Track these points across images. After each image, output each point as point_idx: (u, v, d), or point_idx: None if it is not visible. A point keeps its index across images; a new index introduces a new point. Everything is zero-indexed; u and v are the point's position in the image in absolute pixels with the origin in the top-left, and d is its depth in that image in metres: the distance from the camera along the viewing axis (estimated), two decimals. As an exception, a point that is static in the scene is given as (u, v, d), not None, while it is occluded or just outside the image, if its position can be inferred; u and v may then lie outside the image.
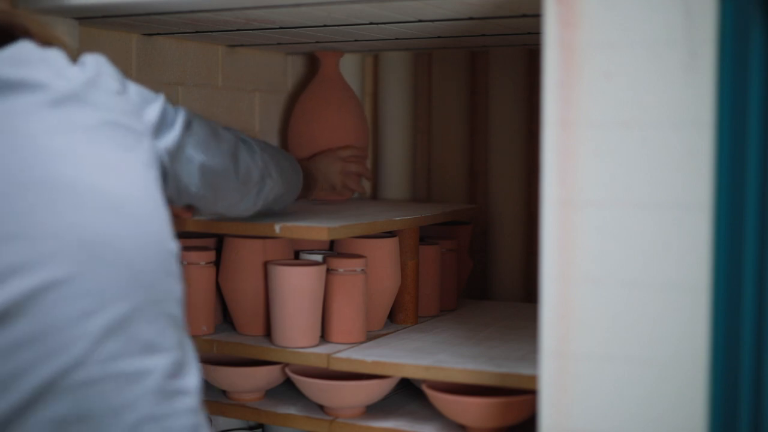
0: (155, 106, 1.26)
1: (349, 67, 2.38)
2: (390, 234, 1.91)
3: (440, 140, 2.34)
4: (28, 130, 1.04)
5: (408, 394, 1.84)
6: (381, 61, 2.37)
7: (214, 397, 1.84)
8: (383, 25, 1.78)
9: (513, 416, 1.58)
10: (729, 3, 1.06)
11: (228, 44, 2.16)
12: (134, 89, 1.23)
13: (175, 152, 1.29)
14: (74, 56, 1.18)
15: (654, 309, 1.11)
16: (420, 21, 1.72)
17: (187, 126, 1.32)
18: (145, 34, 1.97)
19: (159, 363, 1.05)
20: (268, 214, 1.74)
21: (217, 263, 1.87)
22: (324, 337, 1.80)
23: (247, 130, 2.27)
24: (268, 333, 1.82)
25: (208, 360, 1.85)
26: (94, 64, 1.16)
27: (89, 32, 1.83)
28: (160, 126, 1.26)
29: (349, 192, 2.12)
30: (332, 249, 1.92)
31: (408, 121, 2.37)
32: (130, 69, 1.94)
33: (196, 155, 1.34)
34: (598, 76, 1.12)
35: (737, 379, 1.08)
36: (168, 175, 1.29)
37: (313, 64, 2.42)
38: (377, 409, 1.75)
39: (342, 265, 1.77)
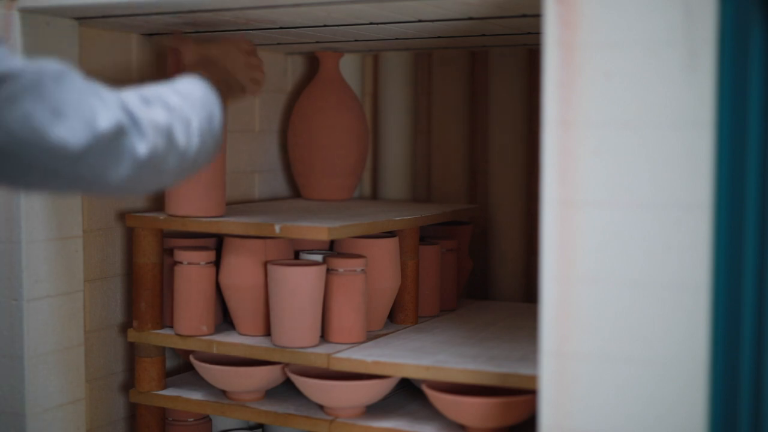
0: None
1: (349, 67, 2.38)
2: (390, 234, 1.91)
3: (440, 140, 2.34)
4: None
5: (408, 394, 1.84)
6: (381, 61, 2.37)
7: (214, 397, 1.84)
8: (383, 25, 1.78)
9: (513, 416, 1.58)
10: (729, 3, 1.06)
11: (228, 44, 2.16)
12: None
13: None
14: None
15: (654, 309, 1.11)
16: (420, 21, 1.72)
17: None
18: (145, 34, 1.97)
19: None
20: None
21: (217, 263, 1.87)
22: (324, 337, 1.80)
23: (247, 130, 2.27)
24: (268, 333, 1.82)
25: (208, 360, 1.85)
26: None
27: (89, 32, 1.83)
28: None
29: (257, 88, 1.67)
30: (332, 249, 1.92)
31: (408, 121, 2.37)
32: (130, 69, 1.95)
33: None
34: (598, 76, 1.12)
35: (737, 379, 1.08)
36: None
37: (313, 64, 2.42)
38: (377, 409, 1.75)
39: (342, 265, 1.77)
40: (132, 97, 1.12)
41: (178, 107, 1.19)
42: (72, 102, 1.03)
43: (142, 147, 1.09)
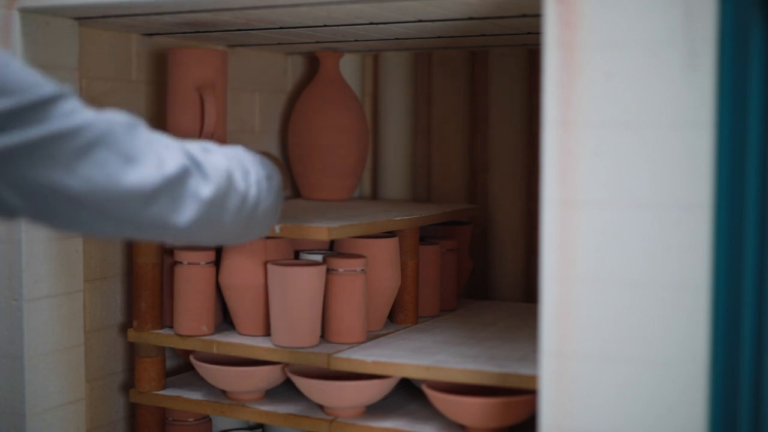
0: None
1: (349, 67, 2.38)
2: (390, 234, 1.91)
3: (440, 140, 2.34)
4: None
5: (408, 394, 1.84)
6: (381, 61, 2.37)
7: (214, 397, 1.84)
8: (383, 25, 1.78)
9: (513, 416, 1.58)
10: (729, 3, 1.06)
11: (228, 44, 2.16)
12: None
13: None
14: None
15: (654, 309, 1.11)
16: (420, 21, 1.72)
17: (51, 141, 1.02)
18: (145, 34, 1.97)
19: None
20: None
21: (217, 263, 1.87)
22: (324, 337, 1.80)
23: (247, 130, 2.27)
24: (268, 333, 1.82)
25: (208, 360, 1.85)
26: None
27: (89, 32, 1.83)
28: None
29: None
30: (332, 249, 1.92)
31: (408, 121, 2.37)
32: (130, 69, 1.95)
33: (51, 178, 1.03)
34: (598, 76, 1.12)
35: (737, 379, 1.08)
36: None
37: (313, 64, 2.42)
38: (377, 409, 1.75)
39: (342, 265, 1.77)
40: (192, 144, 1.19)
41: (236, 157, 1.27)
42: (142, 149, 1.09)
43: (205, 188, 1.16)
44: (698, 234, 1.08)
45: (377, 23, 1.75)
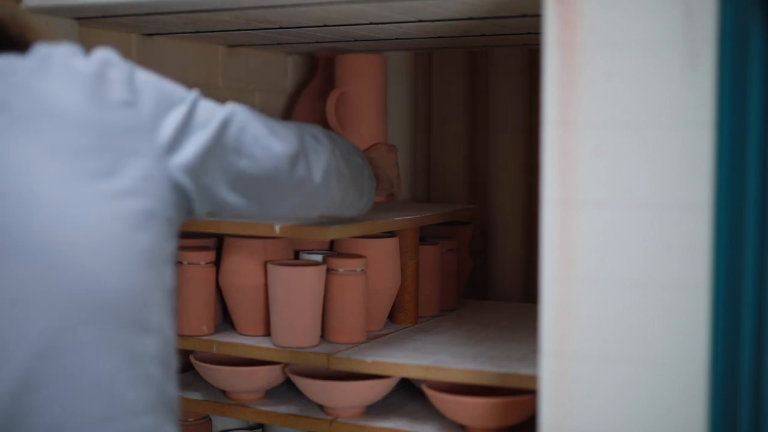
0: (175, 115, 1.09)
1: (349, 67, 2.38)
2: (390, 234, 1.91)
3: (440, 140, 2.34)
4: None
5: (408, 394, 1.84)
6: (381, 61, 2.37)
7: (214, 397, 1.84)
8: (383, 25, 1.78)
9: (513, 416, 1.58)
10: (729, 3, 1.06)
11: (228, 44, 2.16)
12: (150, 95, 1.08)
13: (199, 166, 1.11)
14: None
15: (654, 309, 1.11)
16: (420, 21, 1.72)
17: (221, 130, 1.15)
18: (145, 34, 1.97)
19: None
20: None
21: (217, 263, 1.87)
22: (324, 337, 1.80)
23: (247, 130, 2.27)
24: (268, 333, 1.82)
25: (208, 360, 1.85)
26: (96, 67, 1.06)
27: (89, 32, 1.83)
28: (178, 138, 1.09)
29: (398, 191, 1.91)
30: (332, 249, 1.92)
31: (408, 121, 2.37)
32: (130, 69, 1.94)
33: (231, 164, 1.17)
34: (598, 76, 1.12)
35: (737, 379, 1.08)
36: (192, 192, 1.11)
37: (313, 64, 2.42)
38: (377, 409, 1.75)
39: (342, 265, 1.77)
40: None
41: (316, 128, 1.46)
42: (270, 123, 1.26)
43: (320, 144, 1.36)
44: (698, 234, 1.08)
45: (377, 23, 1.75)
